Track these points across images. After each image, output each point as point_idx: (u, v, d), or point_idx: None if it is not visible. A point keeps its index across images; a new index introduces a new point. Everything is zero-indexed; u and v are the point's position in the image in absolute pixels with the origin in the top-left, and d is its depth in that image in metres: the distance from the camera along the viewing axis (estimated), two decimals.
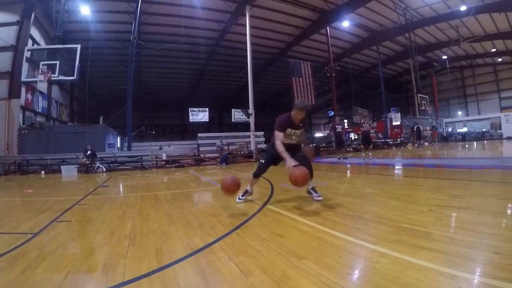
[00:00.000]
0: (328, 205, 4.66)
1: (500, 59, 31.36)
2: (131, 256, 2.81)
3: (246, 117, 22.88)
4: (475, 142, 26.25)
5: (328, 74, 25.43)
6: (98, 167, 15.27)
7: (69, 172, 14.24)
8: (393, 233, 3.07)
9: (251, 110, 19.60)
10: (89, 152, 15.07)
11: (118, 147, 24.13)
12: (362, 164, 12.34)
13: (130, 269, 2.50)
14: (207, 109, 28.58)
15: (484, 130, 32.15)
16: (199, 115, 28.25)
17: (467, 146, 21.93)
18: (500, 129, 30.30)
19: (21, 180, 12.39)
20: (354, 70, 31.24)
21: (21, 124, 17.64)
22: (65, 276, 2.39)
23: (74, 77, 16.74)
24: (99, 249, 3.09)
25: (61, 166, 14.86)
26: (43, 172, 14.94)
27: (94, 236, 3.56)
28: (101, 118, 23.08)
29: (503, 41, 26.78)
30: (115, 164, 16.65)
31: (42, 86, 17.63)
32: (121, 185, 9.41)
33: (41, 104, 20.73)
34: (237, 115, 29.36)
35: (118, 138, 24.73)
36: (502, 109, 32.63)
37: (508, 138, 26.40)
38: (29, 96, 18.97)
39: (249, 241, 3.12)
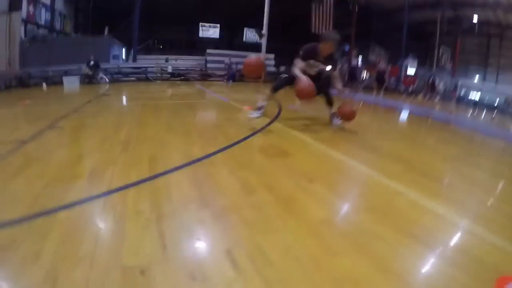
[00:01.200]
0: (339, 133, 4.35)
1: None
2: (122, 163, 2.55)
3: (259, 38, 21.77)
4: (485, 111, 25.34)
5: (351, 7, 23.98)
6: (102, 78, 14.77)
7: (71, 83, 13.69)
8: (408, 172, 2.79)
9: (264, 30, 18.55)
10: (92, 62, 14.51)
11: (123, 59, 23.36)
12: (372, 102, 11.83)
13: (118, 176, 2.25)
14: (219, 25, 27.19)
15: (496, 103, 31.24)
16: (210, 31, 26.90)
17: (478, 111, 21.15)
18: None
19: (21, 93, 11.87)
20: (378, 8, 29.43)
21: (22, 37, 16.75)
22: (46, 184, 2.10)
23: None
24: (88, 155, 2.81)
25: (63, 77, 14.33)
26: (44, 83, 14.40)
27: (85, 142, 3.27)
28: (106, 29, 21.98)
29: None
30: (119, 75, 16.14)
31: None
32: (123, 95, 9.02)
33: (43, 16, 19.48)
34: (249, 35, 27.94)
35: (124, 50, 23.83)
36: None
37: None
38: (31, 8, 17.71)
39: (254, 155, 2.87)
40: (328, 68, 4.52)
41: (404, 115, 9.05)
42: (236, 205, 1.87)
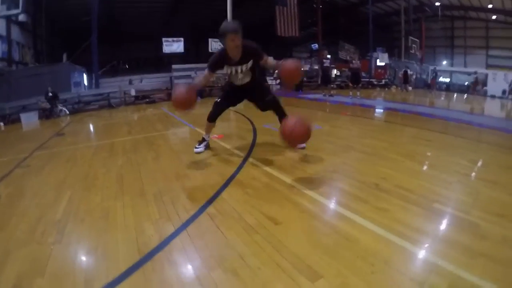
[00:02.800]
0: (332, 162, 3.64)
1: (494, 17, 29.94)
2: (50, 272, 1.78)
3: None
4: (457, 94, 25.28)
5: (314, 5, 23.54)
6: (61, 110, 13.66)
7: (29, 120, 12.61)
8: (430, 221, 2.19)
9: None
10: (50, 94, 13.40)
11: (85, 85, 22.12)
12: (350, 104, 11.07)
13: None
14: (182, 39, 26.27)
15: (466, 83, 31.52)
16: (174, 46, 25.97)
17: (456, 97, 20.90)
18: (485, 85, 29.86)
19: None
20: (342, 4, 29.33)
21: None
22: None
23: (19, 10, 14.36)
24: (16, 253, 2.03)
25: (20, 114, 13.17)
26: (2, 123, 13.17)
27: (17, 226, 2.45)
28: (64, 55, 20.74)
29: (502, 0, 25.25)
30: (79, 105, 15.05)
31: None
32: (78, 132, 7.99)
33: (0, 48, 18.29)
34: (214, 45, 26.86)
35: (85, 75, 22.57)
36: (488, 66, 31.95)
37: (492, 96, 25.79)
38: None
39: (226, 231, 2.10)
40: (249, 64, 3.72)
41: (389, 117, 8.41)
42: None
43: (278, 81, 23.48)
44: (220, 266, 1.71)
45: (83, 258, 1.92)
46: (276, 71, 3.66)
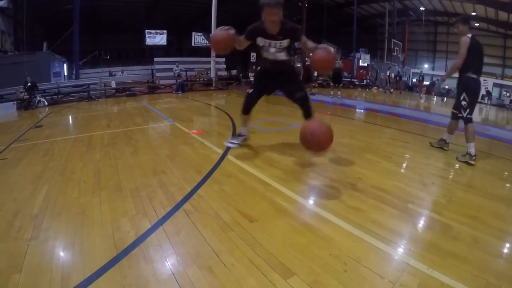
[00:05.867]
0: (309, 161, 3.71)
1: (477, 24, 30.75)
2: (27, 268, 1.76)
3: (207, 42, 20.69)
4: (438, 97, 25.80)
5: (300, 4, 23.58)
6: (39, 101, 13.28)
7: (6, 111, 12.24)
8: (404, 221, 2.27)
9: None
10: (28, 84, 13.01)
11: (65, 76, 21.60)
12: (331, 103, 11.20)
13: None
14: (165, 31, 25.95)
15: (447, 87, 32.23)
16: (156, 38, 25.65)
17: (435, 99, 21.32)
18: None
19: None
20: (328, 4, 29.57)
21: None
22: None
23: None
24: None
25: None
26: None
27: None
28: (44, 44, 20.11)
29: (485, 8, 25.65)
30: (59, 96, 14.66)
31: None
32: (57, 124, 7.78)
33: None
34: (197, 39, 26.52)
35: (65, 65, 22.02)
36: None
37: None
38: None
39: (201, 228, 2.12)
40: (285, 42, 3.49)
41: (369, 117, 8.52)
42: None
43: None
44: (195, 263, 1.73)
45: (60, 254, 1.90)
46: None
